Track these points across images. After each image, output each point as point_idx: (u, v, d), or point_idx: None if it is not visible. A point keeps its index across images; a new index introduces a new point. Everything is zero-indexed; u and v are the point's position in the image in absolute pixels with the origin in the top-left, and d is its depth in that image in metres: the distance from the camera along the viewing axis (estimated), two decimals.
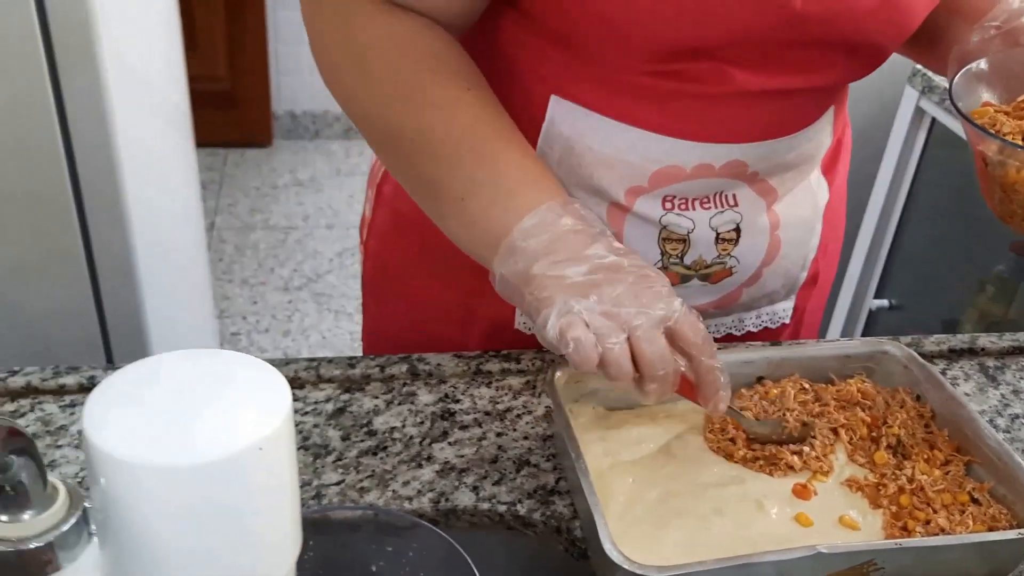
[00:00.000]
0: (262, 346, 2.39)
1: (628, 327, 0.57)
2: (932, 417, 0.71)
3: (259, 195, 3.09)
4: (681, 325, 0.59)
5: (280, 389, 0.32)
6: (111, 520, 0.31)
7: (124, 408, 0.30)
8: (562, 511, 0.65)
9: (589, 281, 0.59)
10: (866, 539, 0.62)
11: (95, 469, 0.30)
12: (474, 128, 0.66)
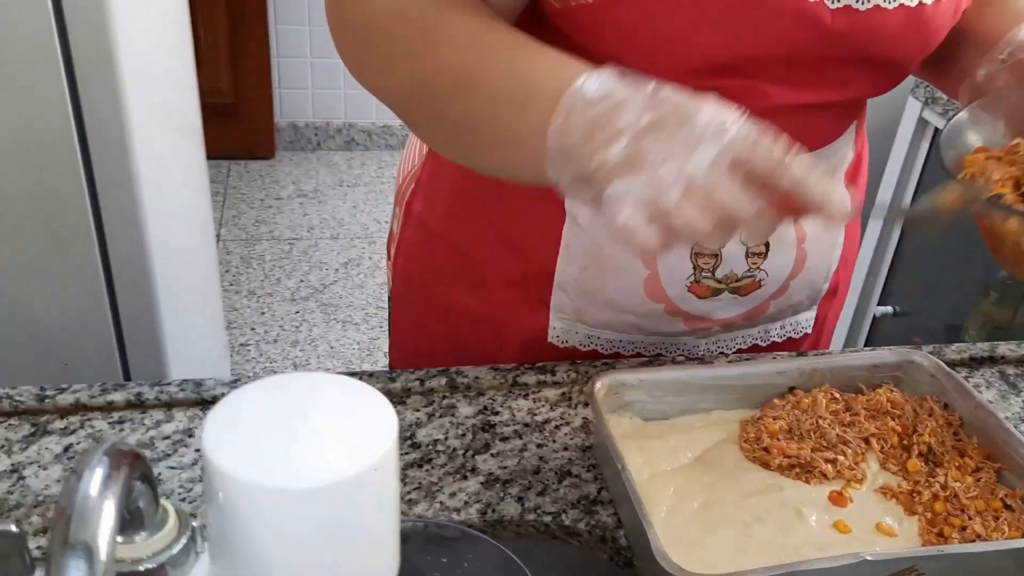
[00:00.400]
0: (271, 356, 2.40)
1: (682, 182, 0.50)
2: (960, 425, 0.73)
3: (263, 207, 3.10)
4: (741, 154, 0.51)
5: (386, 410, 0.33)
6: (226, 538, 0.32)
7: (241, 429, 0.32)
8: (606, 520, 0.66)
9: (634, 152, 0.52)
10: (903, 545, 0.64)
11: (214, 488, 0.31)
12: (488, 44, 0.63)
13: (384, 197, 3.22)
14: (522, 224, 0.81)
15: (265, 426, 0.32)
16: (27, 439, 0.69)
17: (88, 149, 1.40)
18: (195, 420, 0.72)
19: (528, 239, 0.81)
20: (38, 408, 0.72)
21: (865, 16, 0.66)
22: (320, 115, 3.46)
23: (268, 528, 0.31)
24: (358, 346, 2.46)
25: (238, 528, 0.32)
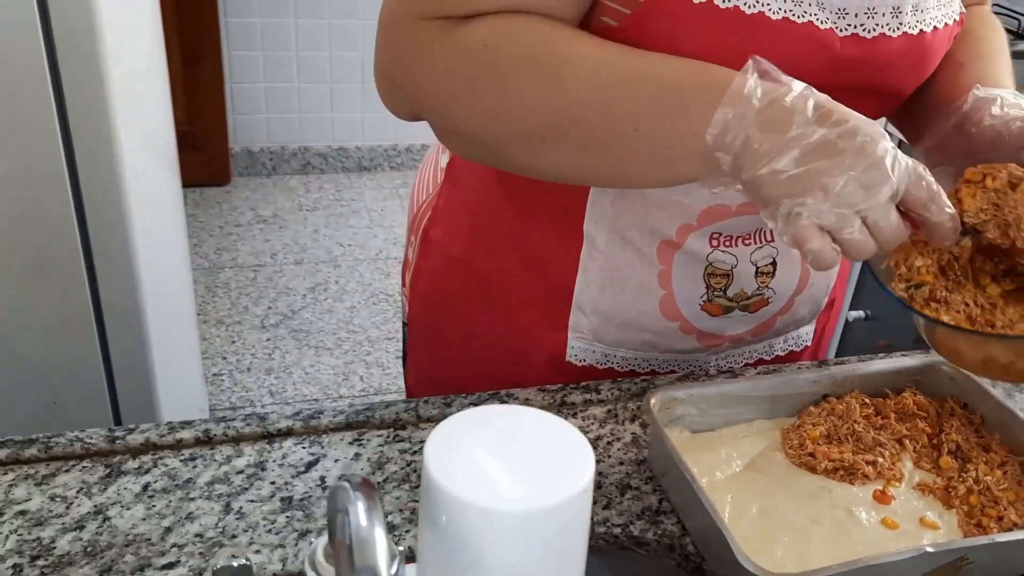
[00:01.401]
0: (246, 385, 2.38)
1: (861, 212, 0.57)
2: (982, 423, 0.78)
3: (223, 234, 3.08)
4: (909, 192, 0.59)
5: (579, 437, 0.37)
6: (442, 561, 0.35)
7: (463, 458, 0.35)
8: (671, 529, 0.70)
9: (806, 172, 0.57)
10: (946, 536, 0.69)
11: (437, 512, 0.34)
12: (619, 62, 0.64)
13: (344, 220, 3.23)
14: (542, 247, 0.85)
15: (483, 454, 0.35)
16: (104, 480, 0.70)
17: (79, 182, 1.40)
18: (264, 453, 0.74)
19: (548, 262, 0.85)
20: (109, 449, 0.73)
21: (871, 44, 0.70)
22: (275, 140, 3.46)
23: (491, 549, 0.34)
24: (333, 371, 2.47)
25: (459, 551, 0.35)
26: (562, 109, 0.65)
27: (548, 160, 0.69)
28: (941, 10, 0.73)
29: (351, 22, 3.32)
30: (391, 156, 3.60)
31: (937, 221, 0.61)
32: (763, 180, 0.58)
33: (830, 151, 0.57)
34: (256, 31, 3.25)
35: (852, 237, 0.58)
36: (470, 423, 0.37)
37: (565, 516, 0.34)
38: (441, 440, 0.36)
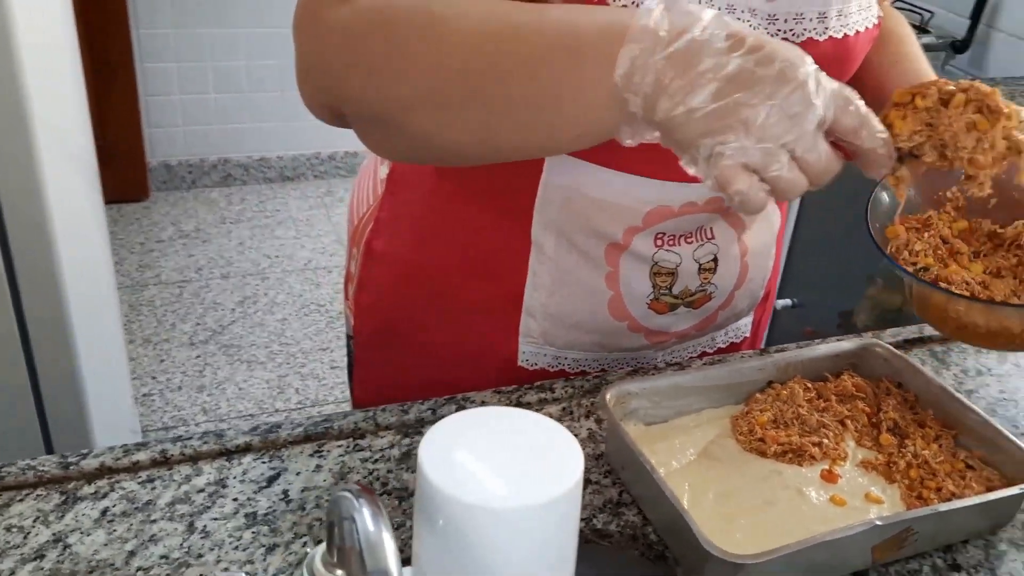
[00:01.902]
0: (178, 404, 2.33)
1: (787, 145, 0.54)
2: (916, 400, 0.83)
3: (144, 250, 3.01)
4: (837, 119, 0.56)
5: (569, 438, 0.38)
6: (438, 562, 0.36)
7: (457, 460, 0.36)
8: (633, 520, 0.72)
9: (723, 107, 0.53)
10: (891, 510, 0.72)
11: (434, 514, 0.35)
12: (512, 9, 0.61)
13: (270, 231, 3.19)
14: (490, 254, 0.86)
15: (476, 455, 0.36)
16: (60, 507, 0.69)
17: (1, 211, 1.36)
18: (224, 471, 0.73)
19: (496, 268, 0.86)
20: (63, 476, 0.71)
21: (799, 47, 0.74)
22: (193, 152, 3.39)
23: (490, 547, 0.35)
24: (267, 385, 2.43)
25: (458, 551, 0.36)
26: (456, 63, 0.60)
27: (453, 128, 0.64)
28: (862, 14, 0.77)
29: (267, 31, 3.28)
30: (314, 165, 3.56)
31: (869, 147, 0.58)
32: (678, 121, 0.54)
33: (747, 81, 0.53)
34: (169, 42, 3.18)
35: (780, 174, 0.54)
36: (461, 425, 0.38)
37: (560, 511, 0.36)
38: (434, 442, 0.37)
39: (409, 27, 0.62)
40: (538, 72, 0.59)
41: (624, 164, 0.78)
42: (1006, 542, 0.73)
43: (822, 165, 0.55)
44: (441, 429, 0.38)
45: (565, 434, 0.38)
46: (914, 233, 0.73)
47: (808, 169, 0.55)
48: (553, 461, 0.37)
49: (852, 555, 0.68)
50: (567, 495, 0.36)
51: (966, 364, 0.96)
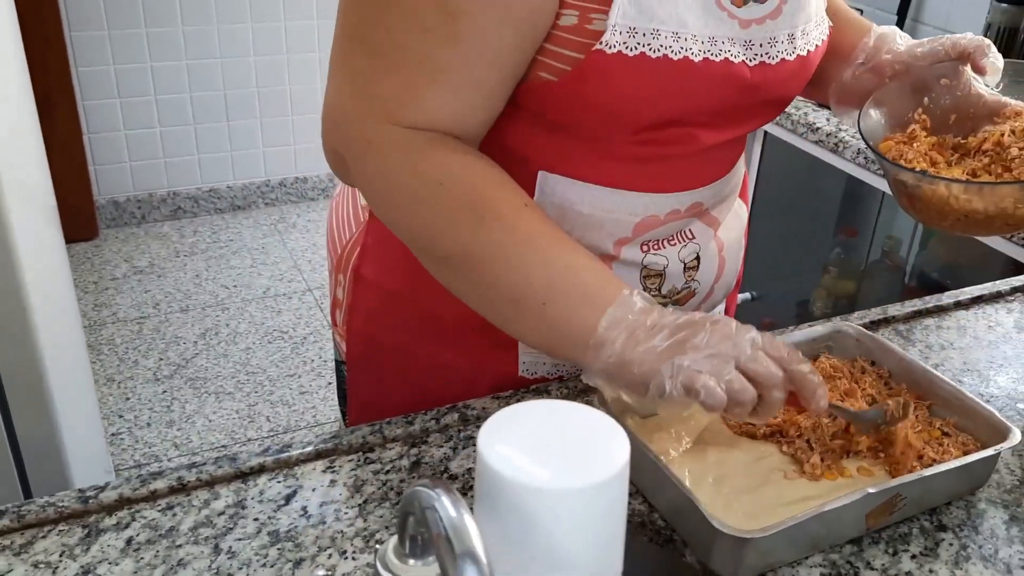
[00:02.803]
0: (148, 441, 2.31)
1: (732, 359, 0.67)
2: (890, 376, 0.88)
3: (99, 289, 2.98)
4: (766, 345, 0.69)
5: (613, 424, 0.41)
6: (504, 541, 0.39)
7: (514, 448, 0.39)
8: (640, 508, 0.76)
9: (676, 341, 0.68)
10: (879, 480, 0.77)
11: (495, 496, 0.38)
12: (540, 238, 0.74)
13: (226, 262, 3.17)
14: None
15: (530, 444, 0.39)
16: (84, 541, 0.70)
17: None
18: (241, 492, 0.75)
19: None
20: (83, 510, 0.72)
21: (775, 68, 0.80)
22: (141, 187, 3.36)
23: (548, 528, 0.38)
24: (238, 415, 2.42)
25: (518, 534, 0.39)
26: (488, 260, 0.74)
27: (456, 286, 0.78)
28: (817, 30, 0.84)
29: (208, 61, 3.27)
30: (264, 192, 3.55)
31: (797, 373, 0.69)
32: (644, 356, 0.68)
33: (692, 326, 0.69)
34: (110, 78, 3.15)
35: (733, 381, 0.66)
36: (514, 418, 0.41)
37: (611, 491, 0.39)
38: (491, 434, 0.40)
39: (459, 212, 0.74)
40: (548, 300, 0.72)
41: (615, 180, 0.82)
42: (984, 501, 0.78)
43: (766, 373, 0.67)
44: (495, 422, 0.41)
45: (609, 422, 0.41)
46: (904, 145, 0.84)
47: (755, 377, 0.67)
48: (601, 446, 0.40)
49: (847, 524, 0.72)
50: (617, 476, 0.39)
51: (929, 340, 1.02)
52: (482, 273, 0.75)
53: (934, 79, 0.89)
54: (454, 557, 0.33)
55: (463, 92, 0.74)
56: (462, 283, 0.78)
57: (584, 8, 0.72)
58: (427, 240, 0.77)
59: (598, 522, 0.39)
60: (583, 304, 0.71)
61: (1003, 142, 0.82)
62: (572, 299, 0.72)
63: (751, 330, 0.70)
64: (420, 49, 0.72)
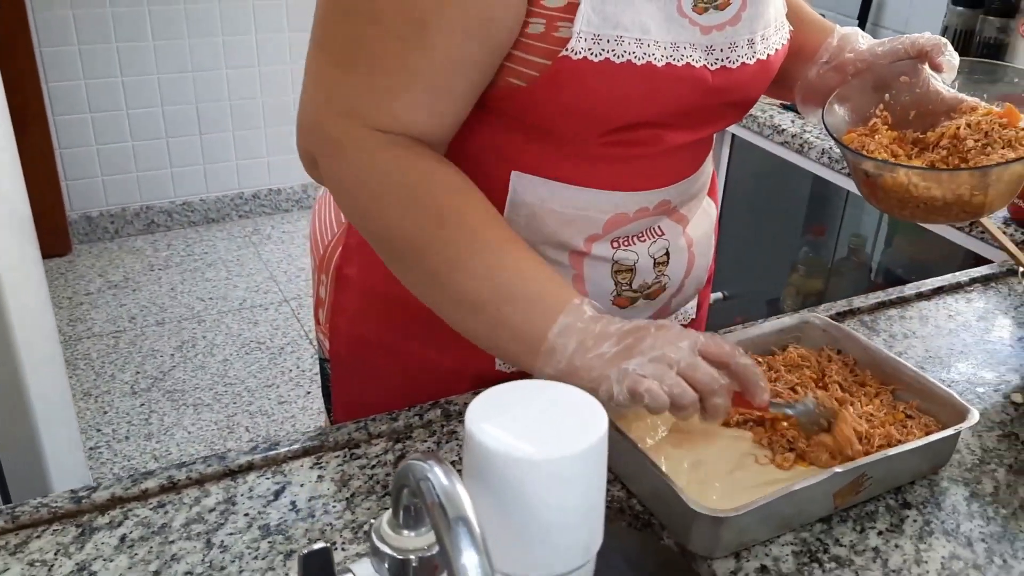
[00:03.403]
0: (127, 454, 2.31)
1: (673, 364, 0.70)
2: (855, 364, 0.91)
3: (73, 305, 2.97)
4: (707, 345, 0.72)
5: (591, 400, 0.44)
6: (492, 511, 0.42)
7: (498, 423, 0.41)
8: (618, 495, 0.79)
9: (624, 347, 0.71)
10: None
11: (483, 468, 0.41)
12: (497, 244, 0.77)
13: (201, 274, 3.17)
14: None
15: (514, 419, 0.42)
16: (78, 539, 0.72)
17: None
18: (230, 490, 0.77)
19: None
20: (76, 510, 0.74)
21: (736, 72, 0.84)
22: (114, 202, 3.36)
23: (533, 497, 0.41)
24: (216, 426, 2.43)
25: (505, 504, 0.41)
26: (448, 262, 0.76)
27: (411, 282, 0.81)
28: (777, 35, 0.88)
29: (180, 75, 3.28)
30: (238, 205, 3.56)
31: (740, 367, 0.72)
32: (592, 363, 0.71)
33: (637, 332, 0.72)
34: (81, 93, 3.15)
35: (674, 386, 0.69)
36: (498, 397, 0.44)
37: (591, 460, 0.42)
38: (477, 412, 0.42)
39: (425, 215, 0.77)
40: (502, 306, 0.75)
41: (585, 180, 0.86)
42: (947, 480, 0.82)
43: (705, 378, 0.70)
44: (481, 401, 0.43)
45: (587, 397, 0.44)
46: (866, 138, 0.88)
47: (694, 383, 0.70)
48: (581, 419, 0.43)
49: (816, 503, 0.75)
50: (597, 445, 0.42)
51: (893, 329, 1.06)
52: (438, 273, 0.77)
53: (894, 76, 0.93)
54: (448, 523, 0.35)
55: (432, 98, 0.76)
56: (418, 280, 0.80)
57: (551, 17, 0.75)
58: (387, 237, 0.79)
59: (580, 490, 0.42)
60: (534, 311, 0.74)
61: (959, 135, 0.86)
62: (524, 305, 0.74)
63: (693, 334, 0.73)
64: (391, 56, 0.75)
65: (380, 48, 0.75)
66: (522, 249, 0.78)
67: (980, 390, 0.95)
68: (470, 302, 0.76)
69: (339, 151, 0.79)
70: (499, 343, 0.77)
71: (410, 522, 0.42)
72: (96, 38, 3.11)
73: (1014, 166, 0.82)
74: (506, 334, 0.75)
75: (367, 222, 0.81)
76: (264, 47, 3.37)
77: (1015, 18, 1.92)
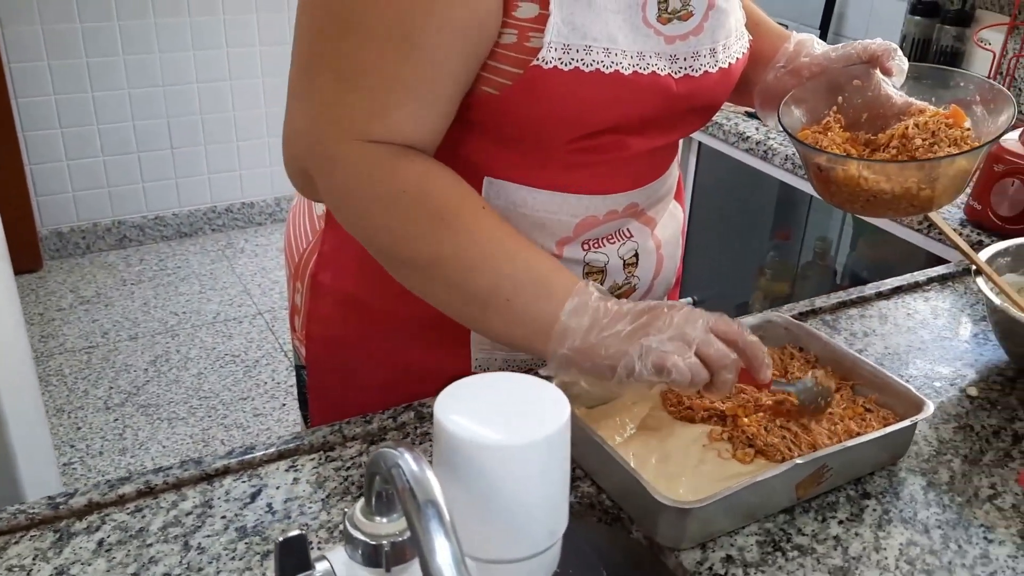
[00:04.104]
0: (101, 469, 2.30)
1: (692, 342, 0.73)
2: (816, 360, 0.94)
3: (45, 321, 2.95)
4: (718, 324, 0.75)
5: (554, 389, 0.46)
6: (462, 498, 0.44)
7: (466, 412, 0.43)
8: (588, 491, 0.81)
9: (640, 325, 0.74)
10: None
11: (451, 456, 0.43)
12: (498, 237, 0.79)
13: (174, 289, 3.17)
14: None
15: (481, 408, 0.44)
16: (56, 544, 0.73)
17: None
18: (207, 493, 0.79)
19: None
20: (54, 516, 0.75)
21: (699, 80, 0.87)
22: (85, 217, 3.34)
23: (500, 482, 0.43)
24: (192, 440, 2.42)
25: (474, 490, 0.43)
26: (452, 260, 0.78)
27: (421, 288, 0.83)
28: (738, 44, 0.91)
29: (151, 89, 3.27)
30: (211, 219, 3.55)
31: (748, 345, 0.76)
32: (608, 341, 0.74)
33: (652, 311, 0.75)
34: (51, 108, 3.14)
35: (690, 361, 0.72)
36: (466, 388, 0.46)
37: (555, 444, 0.44)
38: (446, 402, 0.44)
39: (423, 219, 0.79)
40: (512, 293, 0.77)
41: (556, 184, 0.88)
42: (905, 470, 0.85)
43: (718, 355, 0.73)
44: (449, 392, 0.45)
45: (551, 387, 0.46)
46: (819, 135, 0.92)
47: (708, 359, 0.73)
48: (544, 407, 0.45)
49: (779, 494, 0.78)
50: (560, 431, 0.44)
51: (853, 328, 1.09)
52: (446, 274, 0.79)
53: (847, 80, 0.97)
54: (418, 506, 0.37)
55: (423, 106, 0.78)
56: (427, 285, 0.81)
57: (523, 27, 0.77)
58: (392, 246, 0.81)
59: (544, 475, 0.44)
60: (543, 296, 0.77)
61: (908, 134, 0.89)
62: (532, 292, 0.77)
63: (705, 313, 0.76)
64: (381, 69, 0.77)
65: (370, 64, 0.77)
66: (521, 240, 0.80)
67: (937, 384, 0.98)
68: (480, 298, 0.78)
69: (336, 167, 0.80)
70: (513, 334, 0.79)
71: (383, 509, 0.44)
72: (66, 53, 3.10)
73: (959, 161, 0.85)
74: (517, 323, 0.78)
75: (370, 232, 0.82)
76: (235, 61, 3.38)
77: (970, 27, 1.98)
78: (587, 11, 0.78)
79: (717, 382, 0.74)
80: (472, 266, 0.78)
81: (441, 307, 0.82)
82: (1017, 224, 1.32)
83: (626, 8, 0.80)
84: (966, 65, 2.02)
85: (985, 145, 0.87)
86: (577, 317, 0.75)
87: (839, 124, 0.95)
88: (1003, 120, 0.90)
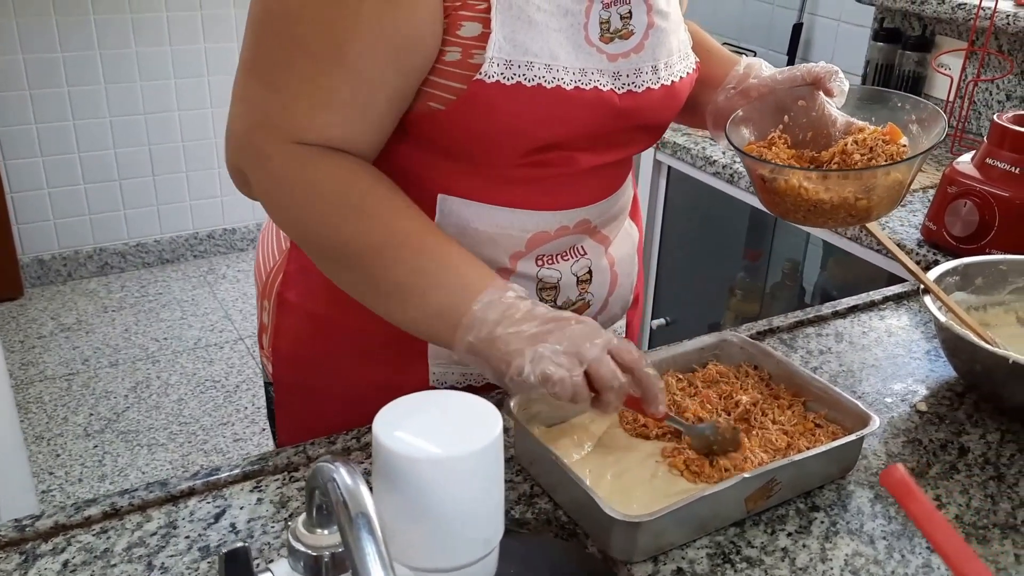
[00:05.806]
0: (81, 496, 2.30)
1: (583, 359, 0.75)
2: (770, 378, 0.97)
3: (25, 348, 2.95)
4: (618, 348, 0.77)
5: (488, 405, 0.49)
6: (400, 511, 0.46)
7: (403, 428, 0.46)
8: (545, 507, 0.83)
9: (544, 331, 0.76)
10: None
11: (389, 471, 0.45)
12: (421, 234, 0.83)
13: (155, 315, 3.18)
14: None
15: (417, 424, 0.46)
16: (21, 566, 0.74)
17: None
18: (172, 515, 0.80)
19: None
20: (20, 538, 0.76)
21: (642, 96, 0.91)
22: (66, 245, 3.35)
23: (436, 494, 0.45)
24: (171, 465, 2.43)
25: (411, 503, 0.46)
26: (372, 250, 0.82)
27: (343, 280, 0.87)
28: (682, 63, 0.94)
29: (132, 117, 3.30)
30: (193, 245, 3.57)
31: (642, 376, 0.78)
32: (511, 337, 0.76)
33: (560, 321, 0.78)
34: (31, 137, 3.16)
35: (575, 379, 0.74)
36: (403, 406, 0.48)
37: (489, 457, 0.46)
38: (384, 420, 0.47)
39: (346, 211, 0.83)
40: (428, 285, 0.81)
41: (506, 200, 0.91)
42: (853, 483, 0.87)
43: (606, 375, 0.75)
44: (388, 410, 0.48)
45: (484, 403, 0.49)
46: (764, 149, 0.97)
47: (596, 379, 0.75)
48: (478, 421, 0.47)
49: (728, 507, 0.80)
50: (493, 443, 0.46)
51: (810, 346, 1.12)
52: (366, 266, 0.82)
53: (793, 100, 1.01)
54: (350, 518, 0.39)
55: (350, 114, 0.82)
56: (349, 276, 0.85)
57: (466, 46, 0.81)
58: (316, 238, 0.85)
59: (479, 485, 0.46)
60: (458, 290, 0.80)
61: (847, 150, 0.94)
62: (449, 286, 0.80)
63: (608, 335, 0.78)
64: (311, 76, 0.81)
65: (301, 68, 0.81)
66: (442, 237, 0.84)
67: (888, 400, 1.01)
68: (398, 290, 0.82)
69: (266, 164, 0.84)
70: (428, 326, 0.82)
71: (323, 521, 0.46)
72: (47, 82, 3.13)
73: (894, 173, 0.90)
74: (434, 315, 0.80)
75: (298, 229, 0.86)
76: (216, 88, 3.41)
77: (930, 52, 2.03)
78: (529, 29, 0.82)
79: (602, 401, 0.76)
80: (390, 259, 0.81)
81: (360, 299, 0.86)
82: (971, 244, 1.36)
83: (568, 27, 0.84)
84: (927, 88, 2.07)
85: (916, 157, 0.91)
86: (488, 310, 0.77)
87: (784, 142, 0.99)
88: (935, 134, 0.94)
